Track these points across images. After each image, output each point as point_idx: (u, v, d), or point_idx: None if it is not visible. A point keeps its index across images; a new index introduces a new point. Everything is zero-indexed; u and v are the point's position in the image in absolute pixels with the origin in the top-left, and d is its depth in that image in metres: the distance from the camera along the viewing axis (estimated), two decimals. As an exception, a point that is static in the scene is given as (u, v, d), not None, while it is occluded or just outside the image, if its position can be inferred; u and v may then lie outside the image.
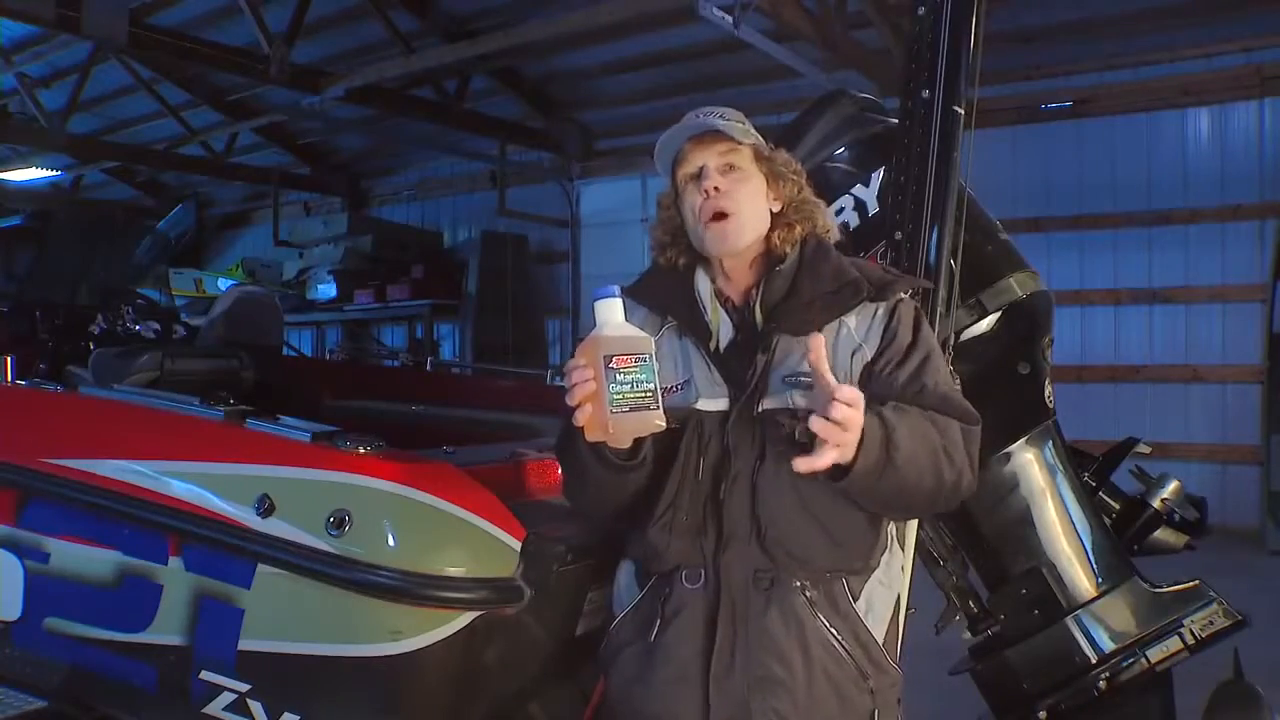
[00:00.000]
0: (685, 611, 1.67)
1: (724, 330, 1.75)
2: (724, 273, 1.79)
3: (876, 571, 1.72)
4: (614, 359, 1.48)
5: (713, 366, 1.70)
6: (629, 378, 1.48)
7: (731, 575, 1.64)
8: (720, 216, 1.71)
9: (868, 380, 1.66)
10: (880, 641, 1.69)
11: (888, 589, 1.74)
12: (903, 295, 1.75)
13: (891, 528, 1.78)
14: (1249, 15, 7.23)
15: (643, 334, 1.55)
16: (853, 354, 1.68)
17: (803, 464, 1.44)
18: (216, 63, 8.58)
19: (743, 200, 1.73)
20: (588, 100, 10.45)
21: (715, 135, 1.74)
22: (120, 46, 8.02)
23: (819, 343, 1.47)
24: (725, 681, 1.62)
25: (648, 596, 1.74)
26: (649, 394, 1.48)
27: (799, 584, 1.64)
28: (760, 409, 1.65)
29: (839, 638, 1.64)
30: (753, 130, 1.79)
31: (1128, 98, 7.92)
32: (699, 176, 1.74)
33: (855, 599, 1.68)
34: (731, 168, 1.74)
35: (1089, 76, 8.09)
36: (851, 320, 1.71)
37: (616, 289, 1.57)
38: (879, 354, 1.68)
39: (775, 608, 1.63)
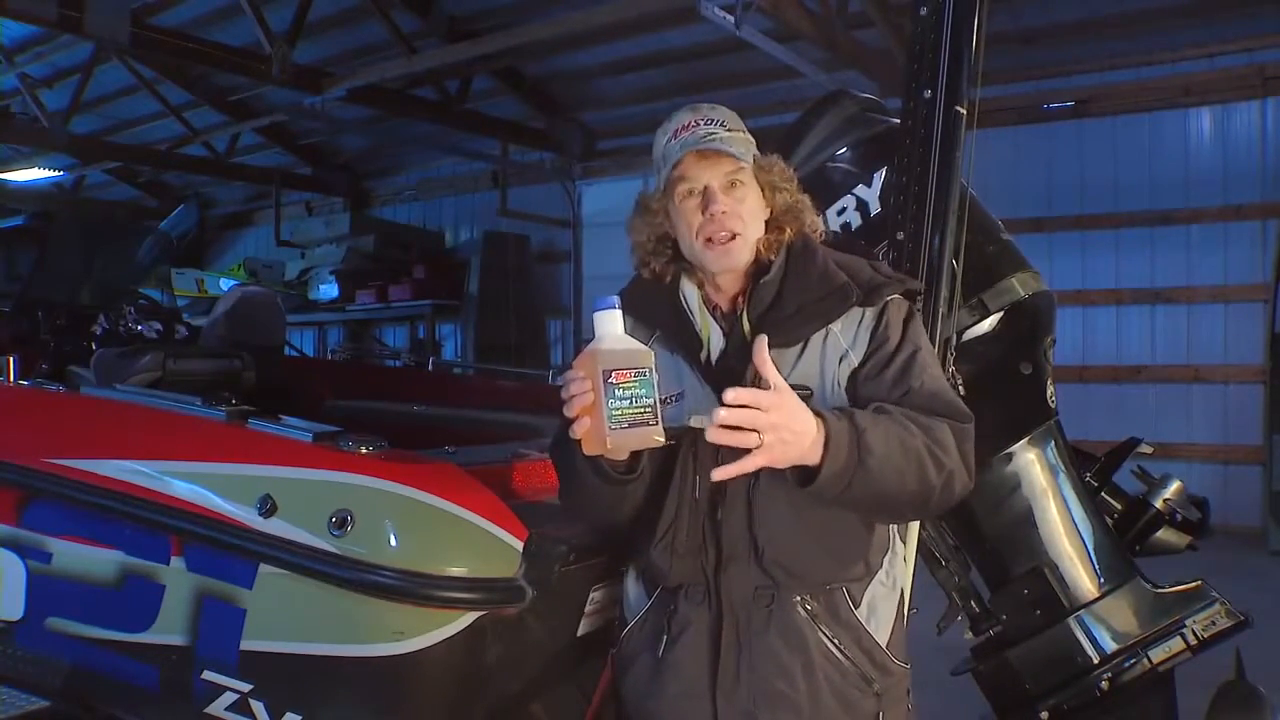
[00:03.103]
0: (691, 629, 1.68)
1: (714, 340, 1.72)
2: (713, 282, 1.76)
3: (878, 573, 1.71)
4: (613, 373, 1.45)
5: (704, 382, 1.68)
6: (628, 393, 1.45)
7: (732, 594, 1.65)
8: (727, 238, 1.68)
9: (854, 385, 1.65)
10: (884, 644, 1.69)
11: (890, 589, 1.74)
12: (892, 298, 1.72)
13: (892, 527, 1.78)
14: (1251, 15, 7.23)
15: (643, 347, 1.52)
16: (840, 360, 1.66)
17: (719, 472, 1.45)
18: (218, 63, 8.58)
19: (746, 218, 1.70)
20: (589, 100, 10.45)
21: (719, 154, 1.68)
22: (122, 47, 8.03)
23: (762, 345, 1.47)
24: (731, 697, 1.63)
25: (654, 610, 1.74)
26: (648, 409, 1.46)
27: (799, 598, 1.64)
28: None
29: (841, 647, 1.65)
30: (749, 137, 1.75)
31: (1130, 98, 7.92)
32: (701, 194, 1.69)
33: (856, 605, 1.67)
34: (734, 184, 1.70)
35: (1091, 76, 8.10)
36: (838, 326, 1.68)
37: (616, 300, 1.54)
38: (866, 359, 1.66)
39: (776, 624, 1.63)
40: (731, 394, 1.41)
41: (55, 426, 2.40)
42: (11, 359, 2.69)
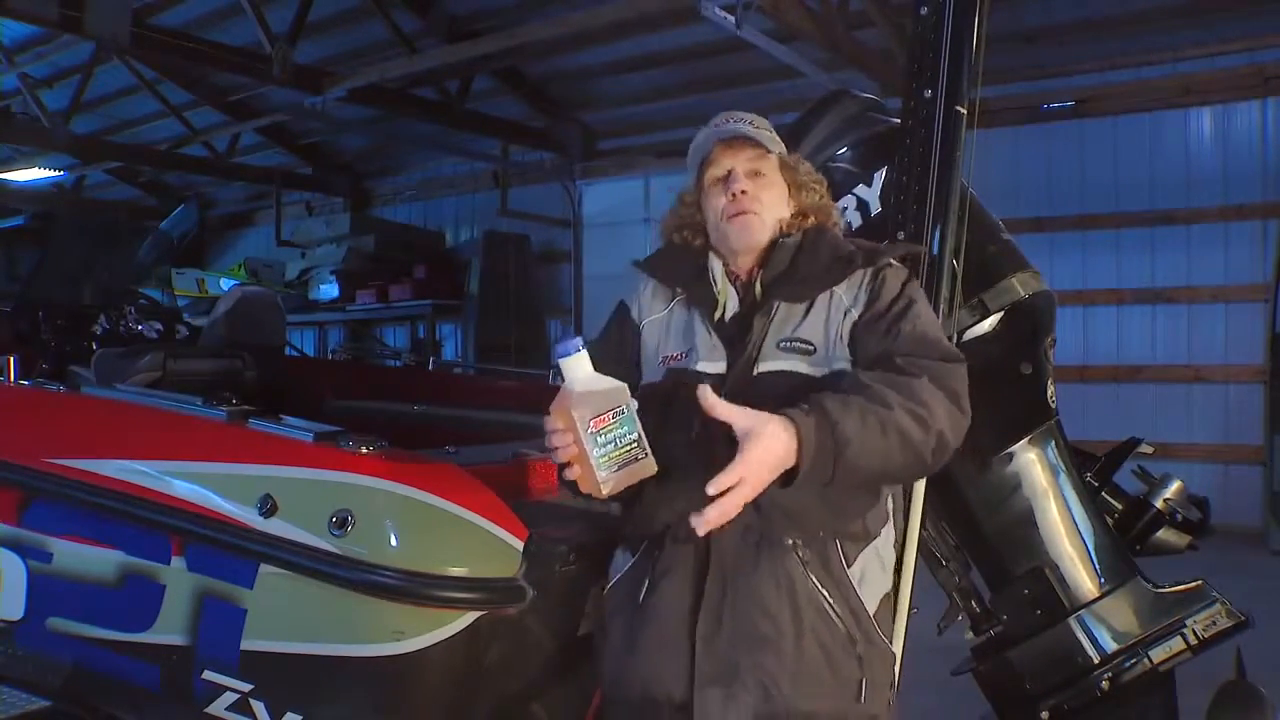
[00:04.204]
0: (674, 571, 1.69)
1: (730, 303, 1.81)
2: (735, 261, 1.84)
3: (875, 542, 1.73)
4: (591, 422, 1.45)
5: (713, 332, 1.76)
6: (611, 436, 1.45)
7: (722, 532, 1.63)
8: (744, 213, 1.78)
9: (854, 336, 1.71)
10: (871, 613, 1.69)
11: (882, 565, 1.75)
12: (892, 261, 1.81)
13: (890, 505, 1.80)
14: (1251, 15, 7.22)
15: (615, 384, 1.52)
16: (844, 316, 1.74)
17: (700, 525, 1.46)
18: (219, 63, 8.58)
19: (766, 202, 1.80)
20: (590, 100, 10.45)
21: (745, 141, 1.81)
22: (123, 47, 8.02)
23: (706, 393, 1.48)
24: (712, 640, 1.63)
25: (639, 561, 1.76)
26: (634, 445, 1.47)
27: (791, 542, 1.65)
28: (757, 371, 1.70)
29: (829, 600, 1.65)
30: (776, 137, 1.86)
31: (1130, 97, 7.91)
32: (726, 179, 1.81)
33: (849, 564, 1.68)
34: (758, 174, 1.81)
35: (1091, 76, 8.09)
36: (842, 287, 1.76)
37: (579, 341, 1.53)
38: (864, 311, 1.73)
39: (766, 565, 1.64)
40: (713, 487, 1.43)
41: (56, 426, 2.40)
42: (12, 359, 2.69)
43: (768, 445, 1.45)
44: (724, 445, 1.63)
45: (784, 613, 1.62)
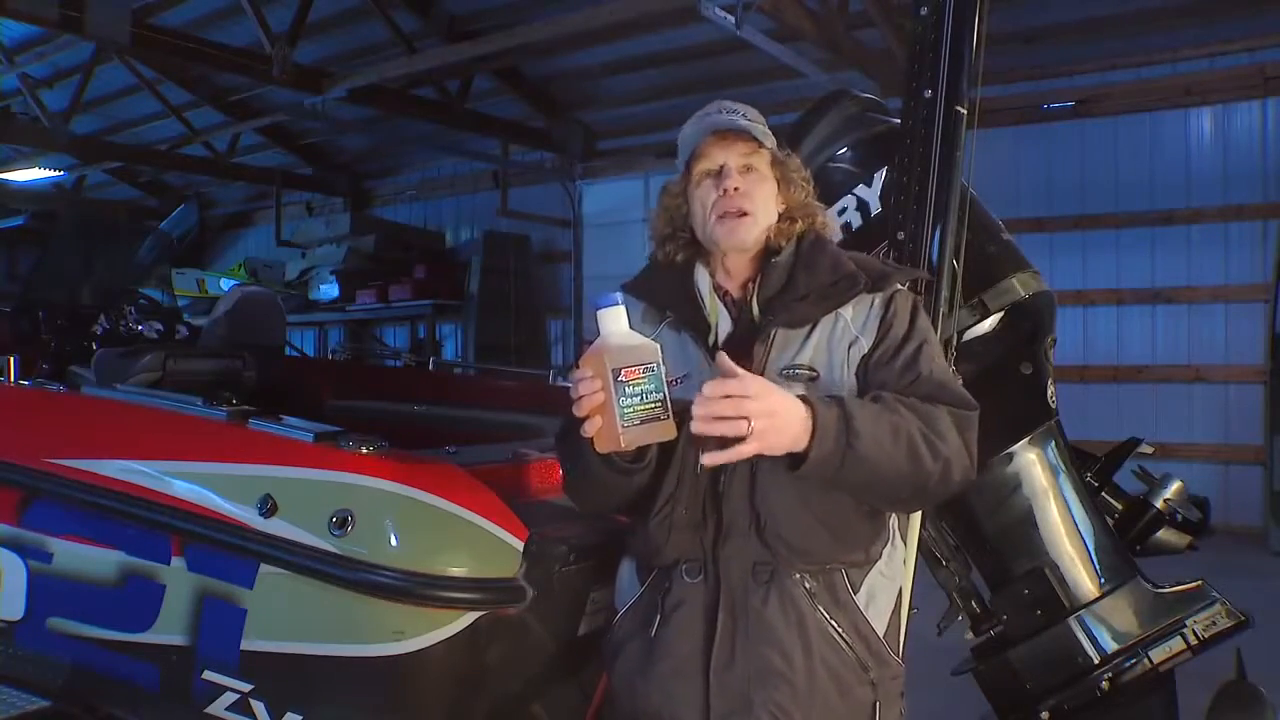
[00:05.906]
0: (685, 605, 1.67)
1: (722, 324, 1.76)
2: (724, 268, 1.80)
3: (878, 564, 1.72)
4: (623, 371, 1.46)
5: (711, 361, 1.69)
6: (638, 390, 1.46)
7: (731, 568, 1.65)
8: (737, 214, 1.73)
9: (864, 371, 1.68)
10: (881, 634, 1.69)
11: (890, 581, 1.74)
12: (900, 286, 1.77)
13: (894, 521, 1.79)
14: (1252, 15, 7.23)
15: (649, 342, 1.53)
16: (849, 346, 1.69)
17: (709, 458, 1.49)
18: (219, 63, 8.58)
19: (759, 201, 1.75)
20: (590, 100, 10.46)
21: (739, 134, 1.75)
22: (123, 47, 8.02)
23: (724, 359, 1.50)
24: (725, 674, 1.62)
25: (648, 591, 1.74)
26: (659, 404, 1.47)
27: (798, 575, 1.64)
28: None
29: (839, 629, 1.65)
30: (768, 131, 1.81)
31: (1130, 98, 7.92)
32: (718, 173, 1.75)
33: (855, 591, 1.68)
34: (750, 169, 1.75)
35: (1091, 76, 8.09)
36: (848, 312, 1.72)
37: (619, 296, 1.55)
38: (875, 344, 1.69)
39: (775, 599, 1.63)
40: (710, 386, 1.44)
41: (56, 426, 2.40)
42: (12, 359, 2.69)
43: (791, 399, 1.48)
44: (730, 476, 1.64)
45: (795, 646, 1.62)
